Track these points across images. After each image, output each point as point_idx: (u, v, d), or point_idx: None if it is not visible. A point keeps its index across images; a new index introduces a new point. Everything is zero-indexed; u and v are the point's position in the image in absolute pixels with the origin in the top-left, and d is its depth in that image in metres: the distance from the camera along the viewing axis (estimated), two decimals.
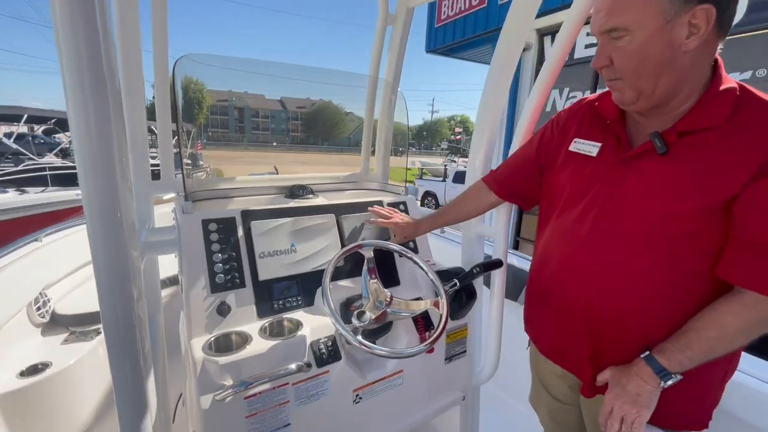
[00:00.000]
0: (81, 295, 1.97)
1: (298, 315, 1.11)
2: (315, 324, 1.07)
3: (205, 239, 1.08)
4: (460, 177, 10.41)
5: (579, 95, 5.09)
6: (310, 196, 1.42)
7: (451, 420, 1.47)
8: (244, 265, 1.11)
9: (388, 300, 1.02)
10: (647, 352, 0.81)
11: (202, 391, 0.89)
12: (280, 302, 1.13)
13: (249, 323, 1.06)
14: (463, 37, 6.55)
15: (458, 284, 1.20)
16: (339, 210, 1.32)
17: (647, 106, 0.79)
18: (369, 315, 0.96)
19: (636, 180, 0.81)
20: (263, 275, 1.12)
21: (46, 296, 1.85)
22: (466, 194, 1.29)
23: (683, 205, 0.74)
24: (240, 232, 1.14)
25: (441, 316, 1.04)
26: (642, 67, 0.73)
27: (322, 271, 1.21)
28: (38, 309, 1.76)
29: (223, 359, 0.91)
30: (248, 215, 1.17)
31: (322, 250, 1.23)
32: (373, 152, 1.79)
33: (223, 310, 1.04)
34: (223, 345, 0.99)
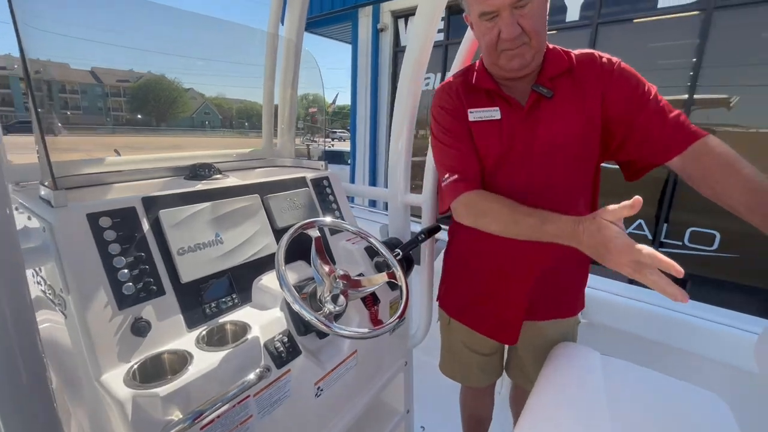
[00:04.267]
0: None
1: (239, 315, 0.93)
2: (262, 321, 0.91)
3: (97, 240, 0.78)
4: (329, 156, 10.35)
5: None
6: (219, 176, 1.18)
7: (389, 389, 1.51)
8: (158, 267, 0.85)
9: (346, 280, 0.95)
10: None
11: None
12: (213, 305, 0.92)
13: (179, 337, 0.84)
14: (320, 12, 6.39)
15: (401, 253, 1.21)
16: (263, 189, 1.14)
17: (534, 65, 0.96)
18: (342, 298, 0.87)
19: (547, 120, 0.98)
20: (186, 276, 0.89)
21: None
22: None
23: (586, 123, 0.98)
24: (146, 226, 0.86)
25: (401, 287, 1.03)
26: (543, 24, 0.91)
27: (257, 261, 1.04)
28: None
29: (164, 389, 0.69)
30: (153, 203, 0.89)
31: (252, 236, 1.05)
32: (275, 125, 1.60)
33: (140, 328, 0.78)
34: (152, 372, 0.76)
